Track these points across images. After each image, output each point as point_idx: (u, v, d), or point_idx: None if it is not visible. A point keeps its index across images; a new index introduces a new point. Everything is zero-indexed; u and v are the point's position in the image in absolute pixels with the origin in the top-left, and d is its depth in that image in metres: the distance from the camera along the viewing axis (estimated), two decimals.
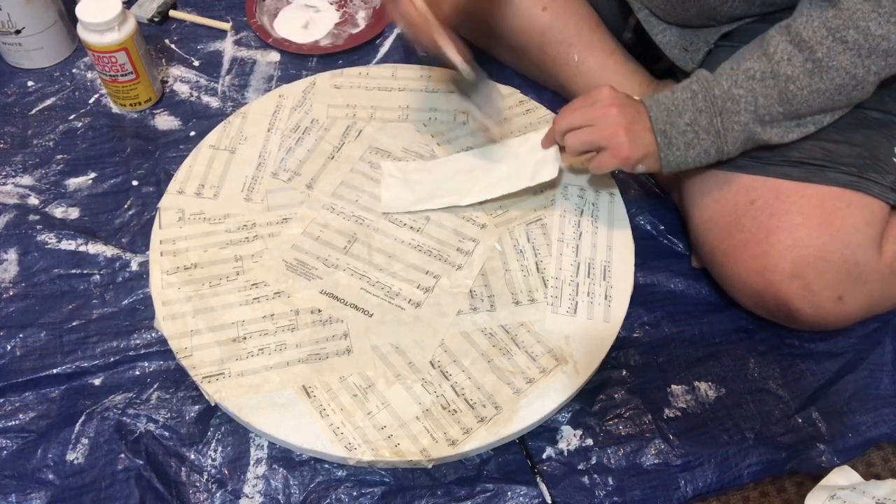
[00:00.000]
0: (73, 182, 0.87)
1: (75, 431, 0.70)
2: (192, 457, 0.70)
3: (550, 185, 0.82)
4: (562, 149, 0.77)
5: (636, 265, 0.78)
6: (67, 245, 0.82)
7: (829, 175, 0.70)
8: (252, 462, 0.70)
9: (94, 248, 0.82)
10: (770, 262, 0.69)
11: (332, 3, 1.07)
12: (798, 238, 0.69)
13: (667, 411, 0.74)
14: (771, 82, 0.66)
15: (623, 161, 0.71)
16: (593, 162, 0.73)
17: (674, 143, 0.69)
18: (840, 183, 0.70)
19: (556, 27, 0.88)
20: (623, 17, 0.90)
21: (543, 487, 0.69)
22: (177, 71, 0.98)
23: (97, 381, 0.73)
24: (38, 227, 0.83)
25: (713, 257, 0.75)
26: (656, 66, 0.91)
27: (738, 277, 0.73)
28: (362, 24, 1.05)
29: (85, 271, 0.80)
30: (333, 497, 0.68)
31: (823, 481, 0.69)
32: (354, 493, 0.68)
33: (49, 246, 0.82)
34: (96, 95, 0.96)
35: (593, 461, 0.71)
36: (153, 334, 0.76)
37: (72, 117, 0.93)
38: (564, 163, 0.76)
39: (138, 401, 0.72)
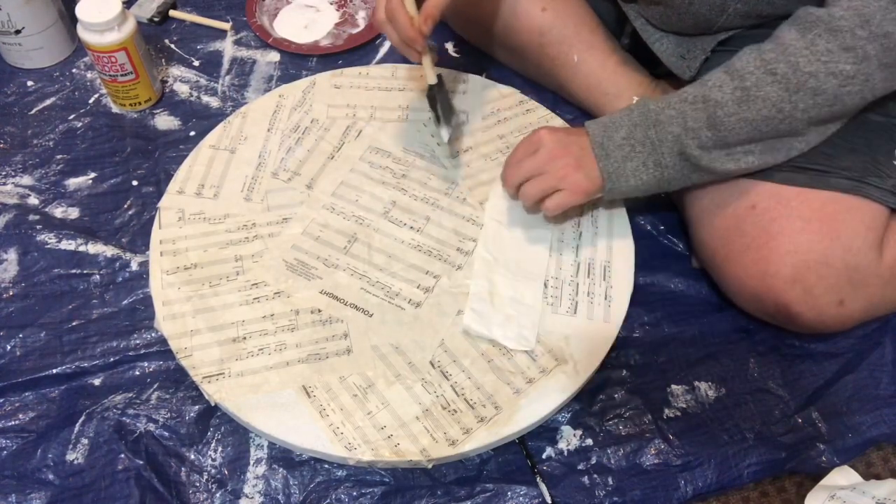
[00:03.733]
0: (73, 182, 0.87)
1: (75, 431, 0.70)
2: (192, 457, 0.70)
3: None
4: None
5: (636, 265, 0.78)
6: (67, 245, 0.82)
7: (830, 180, 0.70)
8: (252, 462, 0.70)
9: (93, 248, 0.82)
10: (771, 267, 0.69)
11: (332, 3, 1.07)
12: (799, 243, 0.69)
13: (667, 411, 0.74)
14: (701, 105, 0.67)
15: (583, 196, 0.73)
16: (548, 202, 0.74)
17: (611, 156, 0.71)
18: (841, 188, 0.69)
19: (555, 27, 0.88)
20: (620, 24, 0.90)
21: (543, 487, 0.69)
22: (177, 71, 0.98)
23: (97, 381, 0.73)
24: (37, 227, 0.83)
25: (713, 261, 0.75)
26: (655, 71, 0.91)
27: (738, 282, 0.73)
28: (362, 24, 1.05)
29: (85, 271, 0.80)
30: (333, 497, 0.68)
31: (823, 481, 0.69)
32: (354, 493, 0.68)
33: (49, 246, 0.82)
34: (96, 95, 0.96)
35: (593, 461, 0.71)
36: (153, 334, 0.76)
37: (72, 117, 0.93)
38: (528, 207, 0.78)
39: (138, 401, 0.72)
